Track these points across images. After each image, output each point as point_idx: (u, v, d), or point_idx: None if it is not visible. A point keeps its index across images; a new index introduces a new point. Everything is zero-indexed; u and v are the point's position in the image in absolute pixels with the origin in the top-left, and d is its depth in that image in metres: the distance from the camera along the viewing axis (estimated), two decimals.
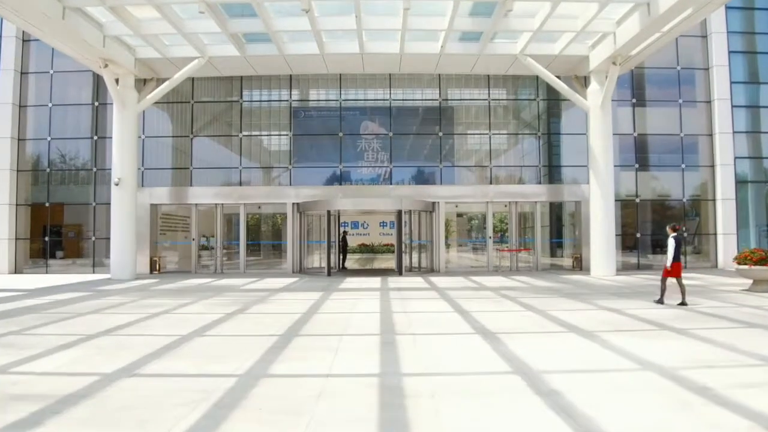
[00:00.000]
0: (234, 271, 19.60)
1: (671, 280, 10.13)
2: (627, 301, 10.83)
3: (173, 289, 13.79)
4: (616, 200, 18.28)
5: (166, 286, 14.75)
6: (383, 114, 20.52)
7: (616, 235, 18.54)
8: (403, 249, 18.66)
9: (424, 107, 20.97)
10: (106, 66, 16.30)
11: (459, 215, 21.62)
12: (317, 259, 20.40)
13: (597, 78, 17.66)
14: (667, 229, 10.38)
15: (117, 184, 17.03)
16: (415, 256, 19.82)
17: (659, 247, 20.78)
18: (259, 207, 20.56)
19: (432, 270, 19.50)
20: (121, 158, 17.17)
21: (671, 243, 10.00)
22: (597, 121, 17.45)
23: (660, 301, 10.10)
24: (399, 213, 18.45)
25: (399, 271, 18.31)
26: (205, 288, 14.21)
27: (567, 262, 20.50)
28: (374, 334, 7.30)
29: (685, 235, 20.49)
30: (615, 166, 18.20)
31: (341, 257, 21.37)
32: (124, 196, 17.13)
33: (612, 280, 15.84)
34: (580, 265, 19.57)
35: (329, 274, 18.09)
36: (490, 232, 19.97)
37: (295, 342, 6.86)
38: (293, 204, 19.51)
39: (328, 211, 18.38)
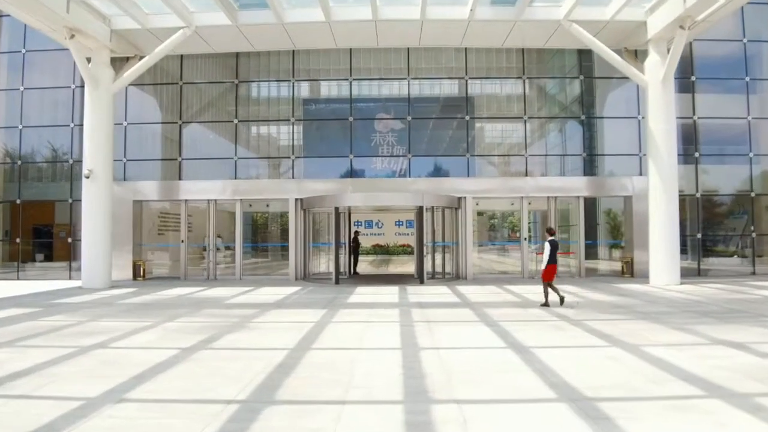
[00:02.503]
0: (229, 277, 16.93)
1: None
2: (737, 327, 7.91)
3: (142, 304, 11.14)
4: None
5: (138, 298, 12.13)
6: (400, 98, 17.71)
7: None
8: (425, 252, 15.81)
9: (446, 91, 18.17)
10: (72, 37, 13.71)
11: (480, 213, 18.58)
12: (324, 263, 17.64)
13: (656, 48, 14.76)
14: (545, 233, 10.78)
15: (88, 177, 14.48)
16: (437, 259, 16.89)
17: (710, 249, 17.85)
18: (267, 205, 17.99)
19: (458, 276, 16.65)
20: (93, 146, 14.61)
21: (547, 247, 10.20)
22: (658, 100, 14.52)
23: (545, 304, 10.08)
24: (419, 210, 15.63)
25: (420, 279, 15.50)
26: (182, 302, 11.55)
27: (608, 265, 17.63)
28: (395, 402, 4.49)
29: None
30: None
31: (352, 260, 18.64)
32: (96, 191, 14.55)
33: (681, 291, 12.88)
34: (631, 270, 16.63)
35: (337, 281, 15.37)
36: (525, 231, 17.03)
37: (261, 420, 4.10)
38: (296, 200, 16.79)
39: (336, 208, 15.63)
